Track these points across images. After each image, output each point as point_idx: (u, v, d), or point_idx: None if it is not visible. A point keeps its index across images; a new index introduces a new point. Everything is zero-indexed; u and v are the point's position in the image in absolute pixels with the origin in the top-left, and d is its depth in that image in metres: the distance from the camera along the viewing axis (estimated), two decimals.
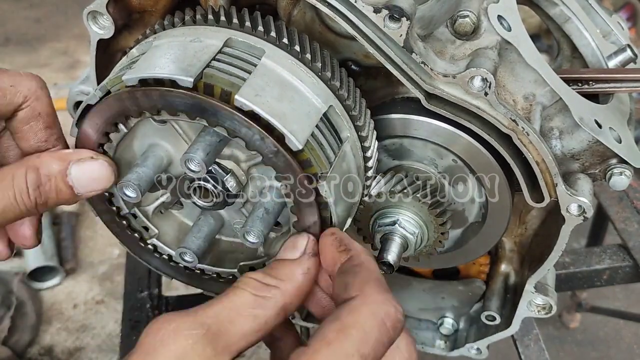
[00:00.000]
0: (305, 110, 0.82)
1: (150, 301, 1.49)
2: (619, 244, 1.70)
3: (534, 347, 1.41)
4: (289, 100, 0.81)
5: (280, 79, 0.82)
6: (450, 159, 1.02)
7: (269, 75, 0.82)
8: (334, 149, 0.85)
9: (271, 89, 0.80)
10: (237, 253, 1.00)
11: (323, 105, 0.84)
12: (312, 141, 0.81)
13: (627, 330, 2.98)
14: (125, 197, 0.88)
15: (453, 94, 0.89)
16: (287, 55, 0.85)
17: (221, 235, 1.00)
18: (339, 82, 0.87)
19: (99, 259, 3.23)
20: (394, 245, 1.02)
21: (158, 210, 0.99)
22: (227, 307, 0.74)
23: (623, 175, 0.97)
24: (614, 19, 1.21)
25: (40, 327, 2.94)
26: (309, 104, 0.83)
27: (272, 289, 0.77)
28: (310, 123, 0.82)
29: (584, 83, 1.03)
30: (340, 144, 0.87)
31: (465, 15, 0.93)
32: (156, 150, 0.91)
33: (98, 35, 0.94)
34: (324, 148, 0.84)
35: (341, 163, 0.87)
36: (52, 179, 0.81)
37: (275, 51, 0.84)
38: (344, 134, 0.88)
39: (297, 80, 0.83)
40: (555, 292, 1.15)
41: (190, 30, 0.86)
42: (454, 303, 1.31)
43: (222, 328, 0.71)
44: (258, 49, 0.84)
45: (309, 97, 0.84)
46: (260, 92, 0.79)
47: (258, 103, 0.77)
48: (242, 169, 0.89)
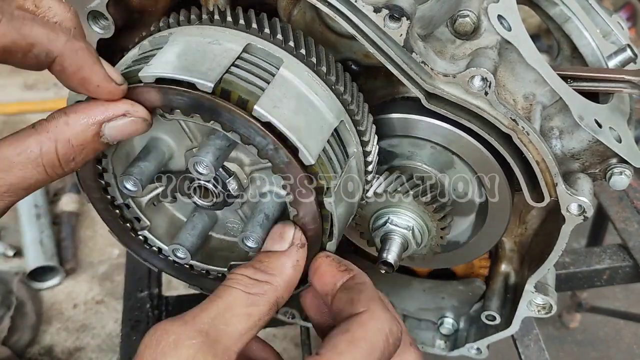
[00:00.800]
0: (319, 125, 0.83)
1: (150, 301, 1.49)
2: (619, 244, 1.70)
3: (534, 347, 1.41)
4: (305, 113, 0.82)
5: (297, 91, 0.83)
6: (450, 158, 1.02)
7: (286, 86, 0.82)
8: (341, 164, 0.87)
9: (288, 101, 0.81)
10: (226, 251, 1.01)
11: (335, 120, 0.86)
12: (323, 155, 0.82)
13: (627, 331, 2.98)
14: (125, 190, 0.87)
15: (453, 94, 0.89)
16: (304, 67, 0.85)
17: (212, 232, 1.00)
18: (350, 96, 0.88)
19: (99, 259, 3.23)
20: (394, 245, 1.02)
21: (151, 202, 0.98)
22: (222, 309, 0.74)
23: (623, 174, 0.97)
24: (614, 19, 1.21)
25: (40, 327, 2.94)
26: (323, 118, 0.84)
27: (264, 285, 0.78)
28: (322, 138, 0.83)
29: (582, 81, 1.03)
30: (347, 159, 0.88)
31: (465, 15, 0.93)
32: (158, 144, 0.91)
33: (98, 35, 0.94)
34: (332, 163, 0.85)
35: (346, 176, 0.88)
36: (87, 145, 0.75)
37: (292, 61, 0.85)
38: (350, 150, 0.89)
39: (312, 94, 0.84)
40: (555, 292, 1.15)
41: (207, 31, 0.86)
42: (454, 303, 1.31)
43: (219, 332, 0.72)
44: (276, 58, 0.84)
45: (322, 111, 0.84)
46: (278, 104, 0.79)
47: (276, 115, 0.78)
48: (245, 173, 0.90)
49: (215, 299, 0.75)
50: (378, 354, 0.73)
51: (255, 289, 0.77)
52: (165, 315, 1.48)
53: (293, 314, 1.33)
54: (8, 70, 4.15)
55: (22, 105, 3.99)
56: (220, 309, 0.74)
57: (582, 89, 1.02)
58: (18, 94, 4.06)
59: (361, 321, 0.75)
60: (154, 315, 1.46)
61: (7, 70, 4.15)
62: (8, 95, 4.05)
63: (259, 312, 0.75)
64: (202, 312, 0.73)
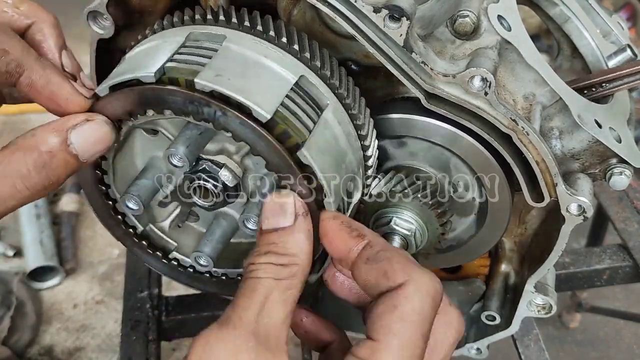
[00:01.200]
0: (271, 83, 0.81)
1: (150, 301, 1.49)
2: (619, 244, 1.70)
3: (534, 347, 1.41)
4: (254, 76, 0.80)
5: (243, 58, 0.82)
6: (450, 159, 1.02)
7: (231, 56, 0.81)
8: (312, 117, 0.83)
9: (233, 68, 0.79)
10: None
11: (293, 76, 0.83)
12: (284, 111, 0.79)
13: (627, 331, 2.98)
14: (129, 210, 0.89)
15: (453, 94, 0.89)
16: (250, 37, 0.84)
17: (241, 239, 1.00)
18: (308, 53, 0.85)
19: (99, 259, 3.23)
20: (394, 245, 1.02)
21: (175, 225, 0.99)
22: (259, 303, 0.72)
23: (623, 175, 0.97)
24: (614, 19, 1.21)
25: (40, 327, 2.94)
26: (276, 76, 0.82)
27: (292, 267, 0.76)
28: (278, 93, 0.80)
29: (597, 87, 1.04)
30: (319, 112, 0.84)
31: (465, 15, 0.93)
32: (155, 162, 0.92)
33: (98, 35, 0.94)
34: (298, 117, 0.81)
35: (323, 131, 0.84)
36: (57, 153, 0.76)
37: (238, 35, 0.84)
38: (322, 102, 0.85)
39: (261, 57, 0.82)
40: (555, 292, 1.15)
41: (161, 35, 0.87)
42: (453, 303, 1.31)
43: (267, 327, 0.71)
44: (219, 36, 0.84)
45: (275, 69, 0.82)
46: (221, 72, 0.78)
47: (218, 82, 0.76)
48: (235, 161, 0.89)
49: (252, 294, 0.73)
50: (429, 320, 0.72)
51: (285, 273, 0.75)
52: (165, 315, 1.48)
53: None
54: None
55: (22, 105, 3.98)
56: (258, 302, 0.72)
57: (601, 94, 1.03)
58: None
59: (406, 294, 0.72)
60: (154, 315, 1.46)
61: None
62: None
63: (292, 296, 0.74)
64: (244, 311, 0.71)
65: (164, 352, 1.45)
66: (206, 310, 1.48)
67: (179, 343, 2.64)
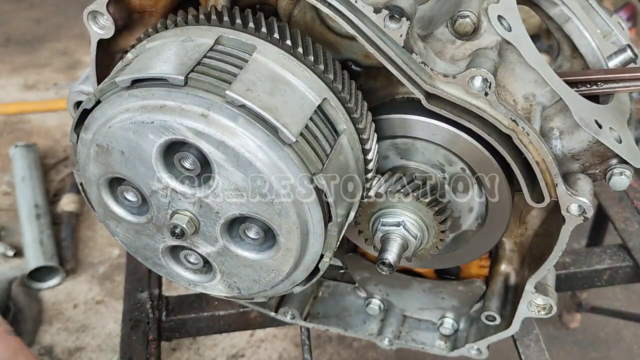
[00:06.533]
0: (299, 104, 0.82)
1: (150, 301, 1.49)
2: (619, 244, 1.70)
3: (534, 347, 1.41)
4: (281, 94, 0.81)
5: (272, 73, 0.82)
6: (450, 159, 1.02)
7: (260, 70, 0.82)
8: (329, 142, 0.85)
9: (263, 84, 0.80)
10: None
11: (317, 98, 0.84)
12: (307, 134, 0.81)
13: (627, 331, 2.98)
14: (127, 202, 0.92)
15: (453, 94, 0.89)
16: (278, 51, 0.85)
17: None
18: (332, 74, 0.87)
19: (99, 259, 3.22)
20: (394, 245, 1.02)
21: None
22: None
23: (623, 175, 0.97)
24: (614, 19, 1.21)
25: (40, 327, 2.94)
26: (302, 97, 0.83)
27: None
28: (303, 116, 0.82)
29: (591, 84, 1.03)
30: (336, 137, 0.87)
31: (465, 16, 0.93)
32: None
33: (98, 35, 0.94)
34: (319, 140, 0.83)
35: (338, 156, 0.87)
36: None
37: (266, 47, 0.84)
38: (340, 127, 0.88)
39: (289, 74, 0.83)
40: (555, 293, 1.15)
41: (182, 31, 0.87)
42: (454, 303, 1.31)
43: None
44: (249, 45, 0.84)
45: (302, 90, 0.83)
46: (251, 87, 0.79)
47: (249, 97, 0.78)
48: None
49: None
50: None
51: None
52: (165, 315, 1.48)
53: (293, 314, 1.33)
54: (8, 70, 4.15)
55: (22, 105, 3.98)
56: None
57: (586, 92, 1.02)
58: (18, 94, 4.05)
59: None
60: (154, 315, 1.46)
61: (7, 70, 4.15)
62: (8, 95, 4.05)
63: None
64: None
65: (164, 352, 1.45)
66: (206, 310, 1.48)
67: (179, 343, 2.64)
